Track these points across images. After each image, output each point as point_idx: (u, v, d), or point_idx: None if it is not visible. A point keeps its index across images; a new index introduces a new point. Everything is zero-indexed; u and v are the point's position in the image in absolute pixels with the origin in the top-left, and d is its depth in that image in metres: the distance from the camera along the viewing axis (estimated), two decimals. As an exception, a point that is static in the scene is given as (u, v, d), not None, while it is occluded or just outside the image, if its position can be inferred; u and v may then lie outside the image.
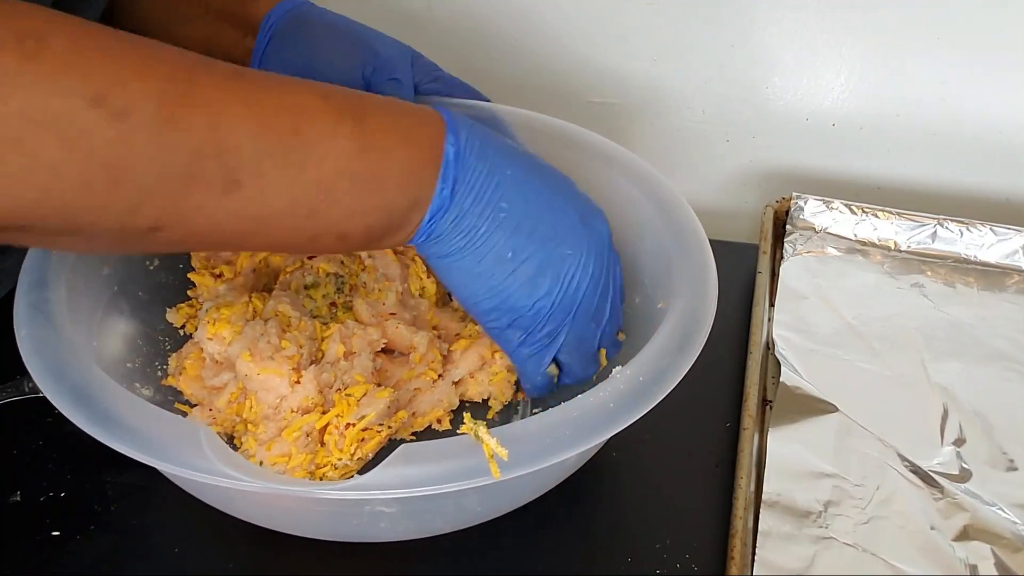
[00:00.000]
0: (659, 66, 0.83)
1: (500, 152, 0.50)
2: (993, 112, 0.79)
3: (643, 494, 0.58)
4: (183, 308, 0.62)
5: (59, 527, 0.54)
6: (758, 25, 0.79)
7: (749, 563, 0.52)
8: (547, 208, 0.50)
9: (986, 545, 0.53)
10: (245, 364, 0.53)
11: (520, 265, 0.50)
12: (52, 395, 0.45)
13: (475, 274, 0.50)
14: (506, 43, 0.85)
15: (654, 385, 0.46)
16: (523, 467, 0.42)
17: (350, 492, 0.43)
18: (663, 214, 0.58)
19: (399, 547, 0.52)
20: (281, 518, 0.50)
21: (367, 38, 0.63)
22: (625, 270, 0.55)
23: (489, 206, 0.49)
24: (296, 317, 0.57)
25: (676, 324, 0.50)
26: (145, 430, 0.44)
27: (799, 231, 0.76)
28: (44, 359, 0.47)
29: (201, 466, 0.42)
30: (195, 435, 0.43)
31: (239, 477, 0.42)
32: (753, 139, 0.86)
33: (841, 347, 0.66)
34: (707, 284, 0.53)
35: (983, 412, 0.61)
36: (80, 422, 0.44)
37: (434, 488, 0.42)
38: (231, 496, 0.48)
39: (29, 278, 0.52)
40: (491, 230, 0.49)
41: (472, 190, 0.48)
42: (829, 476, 0.56)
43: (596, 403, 0.45)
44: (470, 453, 0.43)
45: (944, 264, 0.74)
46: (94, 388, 0.46)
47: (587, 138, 0.64)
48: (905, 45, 0.77)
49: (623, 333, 0.56)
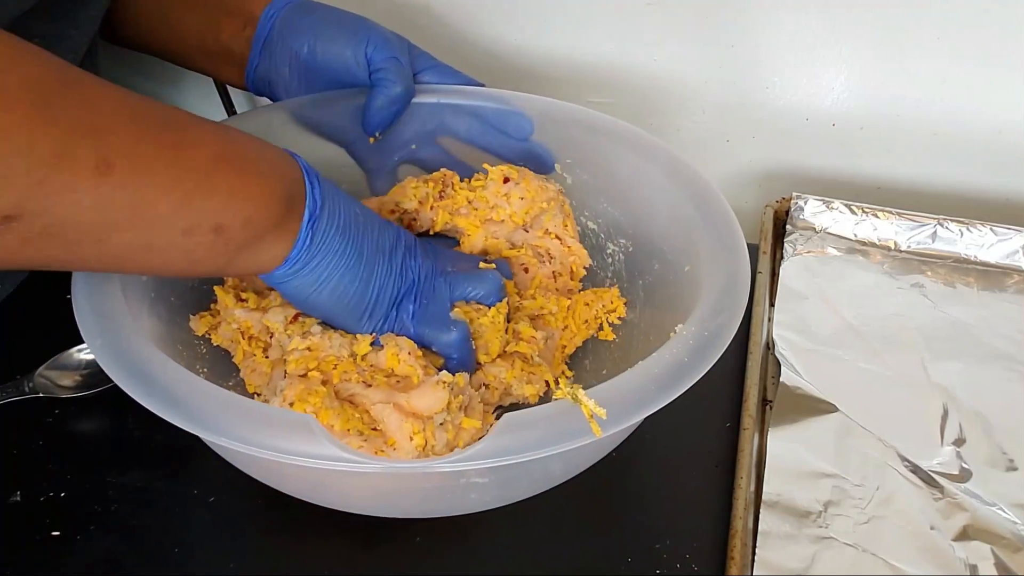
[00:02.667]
0: (659, 66, 0.83)
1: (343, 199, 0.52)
2: (993, 112, 0.79)
3: (643, 494, 0.58)
4: (206, 316, 0.60)
5: (59, 527, 0.54)
6: (758, 25, 0.79)
7: (749, 563, 0.52)
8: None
9: (986, 545, 0.53)
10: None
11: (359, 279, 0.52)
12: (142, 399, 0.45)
13: (340, 286, 0.52)
14: (505, 43, 0.85)
15: (716, 338, 0.49)
16: (619, 423, 0.45)
17: (463, 464, 0.44)
18: (679, 184, 0.61)
19: (398, 541, 0.52)
20: (369, 500, 0.51)
21: (366, 25, 0.64)
22: (641, 239, 0.63)
23: (344, 219, 0.51)
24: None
25: (718, 283, 0.53)
26: (256, 423, 0.44)
27: (799, 231, 0.76)
28: (125, 364, 0.46)
29: (318, 453, 0.43)
30: (307, 425, 0.44)
31: (358, 460, 0.43)
32: (753, 139, 0.86)
33: (841, 347, 0.66)
34: (736, 244, 0.55)
35: (983, 412, 0.61)
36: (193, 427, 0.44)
37: (540, 452, 0.43)
38: (326, 481, 0.49)
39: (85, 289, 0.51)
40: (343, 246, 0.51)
41: (328, 199, 0.50)
42: (829, 476, 0.56)
43: (671, 359, 0.48)
44: (566, 416, 0.44)
45: (944, 264, 0.74)
46: (181, 386, 0.46)
47: (596, 119, 0.67)
48: (905, 45, 0.77)
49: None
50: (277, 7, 0.65)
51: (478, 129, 0.67)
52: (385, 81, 0.63)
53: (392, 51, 0.64)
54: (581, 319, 0.62)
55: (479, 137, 0.67)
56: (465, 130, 0.67)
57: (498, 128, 0.67)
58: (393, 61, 0.63)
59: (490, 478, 0.47)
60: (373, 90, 0.64)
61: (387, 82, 0.63)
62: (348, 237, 0.51)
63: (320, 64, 0.64)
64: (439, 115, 0.67)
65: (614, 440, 0.51)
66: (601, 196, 0.66)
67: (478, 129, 0.67)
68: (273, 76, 0.66)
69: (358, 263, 0.52)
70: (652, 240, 0.62)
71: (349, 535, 0.54)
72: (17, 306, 0.66)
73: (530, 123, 0.66)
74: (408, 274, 0.55)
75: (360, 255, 0.52)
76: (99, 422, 0.59)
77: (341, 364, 0.52)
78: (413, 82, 0.65)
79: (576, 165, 0.66)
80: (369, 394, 0.51)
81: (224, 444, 0.43)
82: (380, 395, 0.50)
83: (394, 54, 0.64)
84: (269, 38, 0.65)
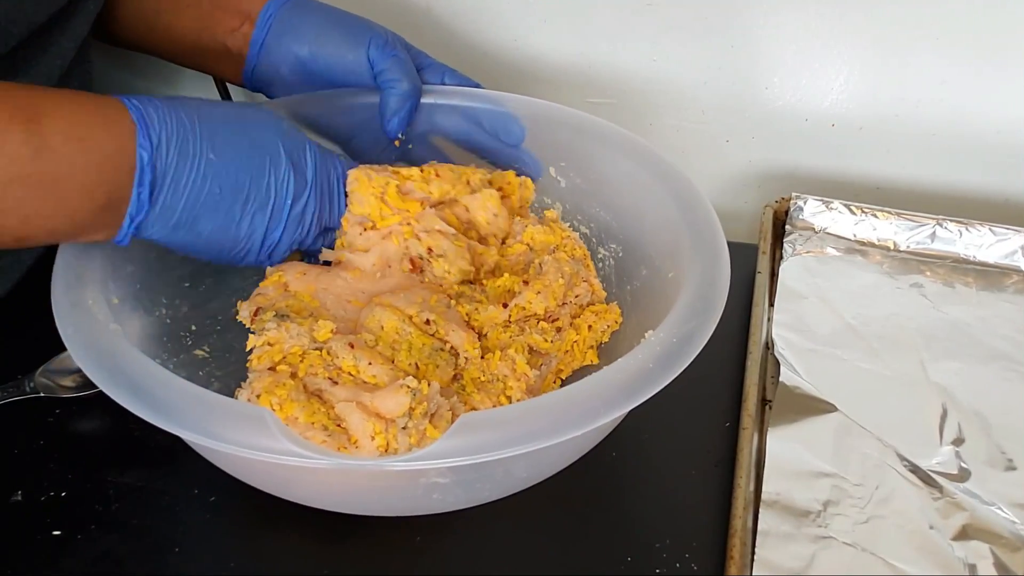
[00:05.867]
0: (658, 66, 0.83)
1: (198, 135, 0.50)
2: (993, 112, 0.79)
3: (642, 493, 0.58)
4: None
5: (60, 527, 0.54)
6: (758, 25, 0.79)
7: (748, 562, 0.52)
8: (248, 166, 0.52)
9: (985, 544, 0.53)
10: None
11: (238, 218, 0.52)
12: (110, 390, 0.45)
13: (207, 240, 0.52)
14: (505, 43, 0.85)
15: (686, 344, 0.48)
16: (574, 429, 0.44)
17: (415, 463, 0.44)
18: (668, 189, 0.60)
19: (398, 541, 0.52)
20: (332, 496, 0.51)
21: (366, 24, 0.65)
22: (631, 244, 0.62)
23: (196, 191, 0.50)
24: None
25: (692, 289, 0.52)
26: (212, 414, 0.44)
27: (798, 231, 0.76)
28: (95, 355, 0.47)
29: (269, 446, 0.43)
30: (261, 417, 0.44)
31: (307, 455, 0.43)
32: (753, 139, 0.86)
33: (840, 347, 0.66)
34: (718, 250, 0.55)
35: (982, 412, 0.61)
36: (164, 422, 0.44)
37: (496, 454, 0.43)
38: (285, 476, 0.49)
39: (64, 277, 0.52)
40: (202, 210, 0.50)
41: (177, 184, 0.49)
42: (828, 476, 0.57)
43: (636, 365, 0.47)
44: (526, 419, 0.44)
45: (943, 264, 0.74)
46: (151, 380, 0.46)
47: (590, 123, 0.66)
48: (905, 45, 0.77)
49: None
50: (275, 6, 0.65)
51: (470, 131, 0.67)
52: (392, 81, 0.63)
53: (393, 50, 0.64)
54: (585, 346, 0.61)
55: (471, 139, 0.67)
56: (456, 131, 0.67)
57: (491, 132, 0.67)
58: (395, 59, 0.64)
59: (451, 478, 0.47)
60: (383, 93, 0.64)
61: (394, 81, 0.63)
62: (195, 207, 0.50)
63: (321, 67, 0.65)
64: (434, 115, 0.67)
65: (580, 446, 0.51)
66: (594, 200, 0.66)
67: (470, 131, 0.67)
68: (272, 76, 0.67)
69: (213, 217, 0.51)
70: (641, 245, 0.62)
71: (349, 535, 0.54)
72: (17, 306, 0.66)
73: (523, 129, 0.66)
74: (287, 193, 0.53)
75: (216, 208, 0.51)
76: (100, 422, 0.59)
77: (308, 357, 0.53)
78: (418, 77, 0.65)
79: (570, 168, 0.67)
80: (335, 391, 0.51)
81: (183, 436, 0.44)
82: (345, 393, 0.50)
83: (395, 52, 0.64)
84: (267, 39, 0.65)
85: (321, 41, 0.64)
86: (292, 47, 0.64)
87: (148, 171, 0.48)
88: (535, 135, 0.67)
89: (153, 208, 0.49)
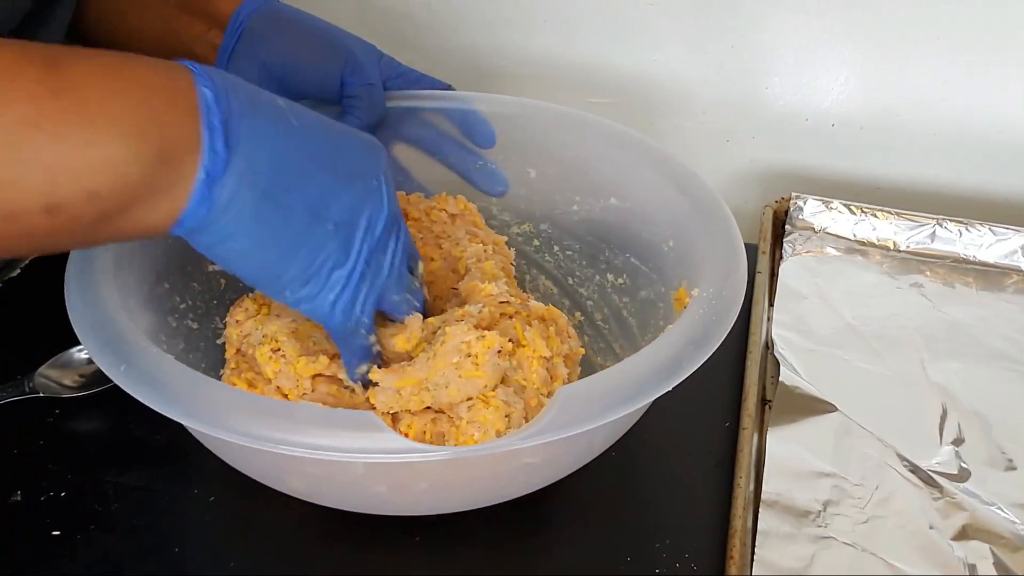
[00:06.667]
0: (658, 66, 0.83)
1: (276, 100, 0.42)
2: (993, 112, 0.79)
3: (642, 494, 0.58)
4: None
5: (59, 527, 0.54)
6: (758, 25, 0.79)
7: (748, 563, 0.52)
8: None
9: (985, 544, 0.53)
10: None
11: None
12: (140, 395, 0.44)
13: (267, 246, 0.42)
14: (505, 44, 0.85)
15: (707, 337, 0.49)
16: (664, 387, 0.46)
17: (534, 439, 0.43)
18: (681, 191, 0.60)
19: (399, 541, 0.52)
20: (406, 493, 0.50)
21: (341, 38, 0.61)
22: (643, 245, 0.61)
23: (282, 150, 0.41)
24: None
25: (722, 262, 0.53)
26: (327, 423, 0.43)
27: (798, 231, 0.76)
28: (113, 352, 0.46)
29: (387, 447, 0.42)
30: (371, 420, 0.43)
31: (426, 449, 0.43)
32: (753, 139, 0.86)
33: (840, 347, 0.66)
34: (736, 255, 0.54)
35: (982, 412, 0.61)
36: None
37: (600, 421, 0.44)
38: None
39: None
40: (294, 177, 0.41)
41: (254, 133, 0.40)
42: (828, 476, 0.57)
43: (691, 323, 0.49)
44: (618, 386, 0.45)
45: (943, 264, 0.74)
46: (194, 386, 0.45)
47: (597, 123, 0.66)
48: (905, 45, 0.77)
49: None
50: (245, 12, 0.61)
51: (436, 137, 0.65)
52: (356, 110, 0.60)
53: (367, 77, 0.61)
54: (575, 377, 0.57)
55: (437, 146, 0.65)
56: (420, 137, 0.65)
57: (459, 136, 0.64)
58: (367, 89, 0.60)
59: (541, 456, 0.47)
60: (344, 115, 0.61)
61: (358, 110, 0.60)
62: (286, 169, 0.41)
63: (293, 83, 0.61)
64: (400, 122, 0.65)
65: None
66: (576, 195, 0.66)
67: (436, 137, 0.65)
68: None
69: (282, 228, 0.42)
70: (656, 244, 0.61)
71: (349, 535, 0.54)
72: (17, 305, 0.66)
73: (491, 130, 0.64)
74: (362, 249, 0.45)
75: (287, 219, 0.41)
76: (99, 422, 0.59)
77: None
78: (384, 105, 0.62)
79: (550, 163, 0.66)
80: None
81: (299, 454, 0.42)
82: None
83: (369, 80, 0.61)
84: (237, 49, 0.61)
85: (297, 58, 0.61)
86: (265, 60, 0.61)
87: (216, 109, 0.39)
88: (516, 133, 0.65)
89: (233, 157, 0.39)
